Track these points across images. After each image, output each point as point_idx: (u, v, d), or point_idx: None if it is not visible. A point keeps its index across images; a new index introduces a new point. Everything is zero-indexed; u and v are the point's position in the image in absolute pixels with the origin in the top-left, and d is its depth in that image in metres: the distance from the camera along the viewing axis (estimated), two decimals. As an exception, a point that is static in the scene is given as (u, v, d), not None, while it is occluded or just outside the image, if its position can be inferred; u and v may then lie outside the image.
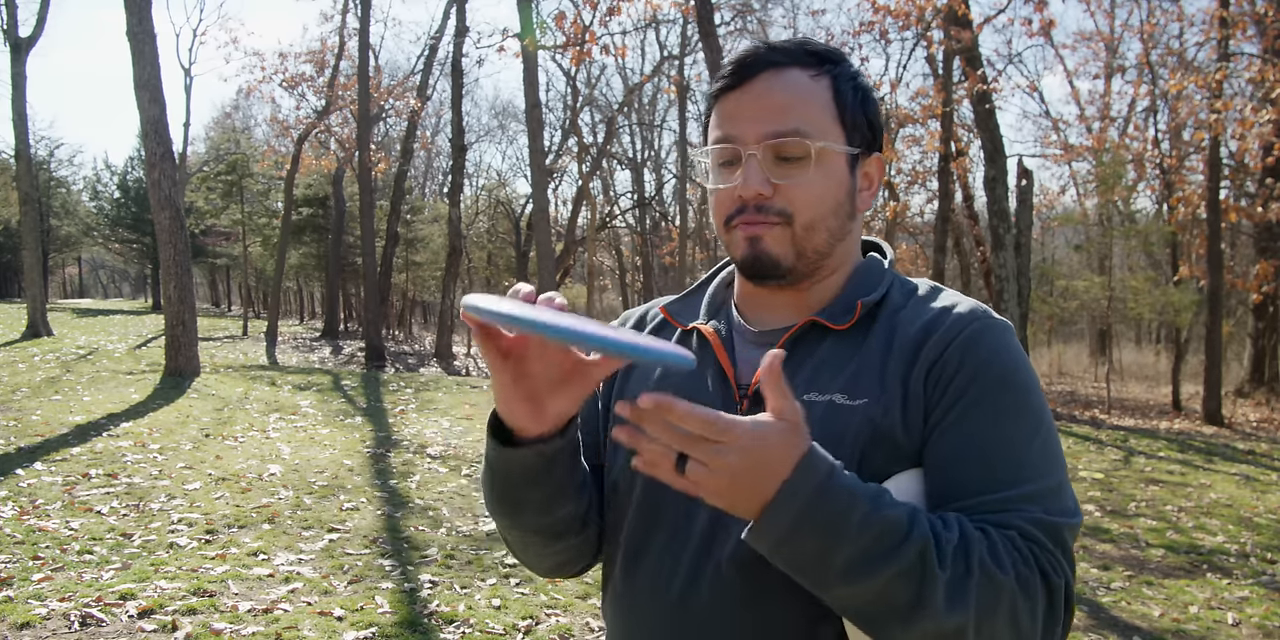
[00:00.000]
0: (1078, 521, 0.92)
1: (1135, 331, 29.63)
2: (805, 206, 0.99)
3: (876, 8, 12.12)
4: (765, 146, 0.98)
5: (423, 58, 26.94)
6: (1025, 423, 0.93)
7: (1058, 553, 0.88)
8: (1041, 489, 0.90)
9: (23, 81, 17.41)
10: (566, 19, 13.19)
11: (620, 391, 1.14)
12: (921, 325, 0.98)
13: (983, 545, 0.84)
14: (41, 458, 6.65)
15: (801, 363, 1.00)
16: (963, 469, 0.92)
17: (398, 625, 3.71)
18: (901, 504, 0.85)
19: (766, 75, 0.99)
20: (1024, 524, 0.87)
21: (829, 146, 0.98)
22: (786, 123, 0.97)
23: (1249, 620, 4.39)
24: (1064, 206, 24.95)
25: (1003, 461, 0.91)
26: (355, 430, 8.74)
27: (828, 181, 0.99)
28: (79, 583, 4.04)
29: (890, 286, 1.04)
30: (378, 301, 20.59)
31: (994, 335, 0.96)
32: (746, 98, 0.99)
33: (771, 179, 0.98)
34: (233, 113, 41.38)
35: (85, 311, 33.86)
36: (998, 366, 0.94)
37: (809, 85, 0.99)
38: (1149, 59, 20.48)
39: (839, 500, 0.81)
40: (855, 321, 1.00)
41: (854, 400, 0.96)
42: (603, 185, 33.66)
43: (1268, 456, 10.09)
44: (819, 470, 0.81)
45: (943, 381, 0.94)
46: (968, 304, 1.00)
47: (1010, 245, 13.17)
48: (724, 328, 1.09)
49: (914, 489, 0.94)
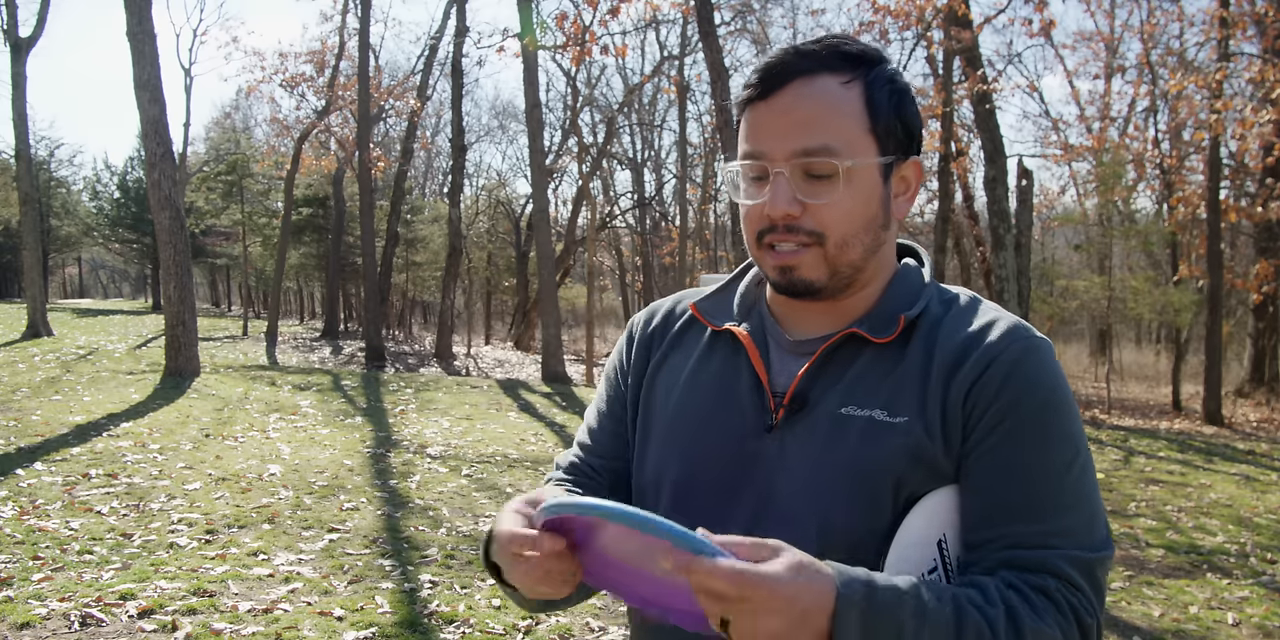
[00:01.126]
0: (1109, 554, 0.92)
1: (1135, 331, 29.64)
2: (836, 225, 0.96)
3: (876, 8, 12.12)
4: (794, 164, 0.95)
5: (423, 58, 26.97)
6: (1065, 451, 0.92)
7: (1090, 592, 0.89)
8: (1077, 522, 0.91)
9: (23, 81, 17.42)
10: (566, 19, 13.19)
11: (650, 387, 1.11)
12: (961, 342, 0.96)
13: (1027, 614, 0.85)
14: (41, 458, 6.65)
15: (839, 374, 0.99)
16: (1001, 493, 0.91)
17: (398, 625, 3.71)
18: (943, 593, 0.84)
19: (795, 85, 0.95)
20: (1061, 566, 0.88)
21: (858, 164, 0.95)
22: (814, 138, 0.94)
23: (1249, 620, 4.39)
24: (1064, 206, 24.95)
25: (1041, 488, 0.91)
26: (355, 430, 8.74)
27: (858, 198, 0.96)
28: (79, 583, 4.03)
29: (930, 297, 1.02)
30: (378, 301, 20.59)
31: (1036, 357, 0.94)
32: (774, 111, 0.96)
33: (800, 197, 0.95)
34: (233, 113, 41.44)
35: (85, 311, 33.86)
36: (1042, 392, 0.93)
37: (839, 94, 0.95)
38: (1149, 59, 20.49)
39: (888, 617, 0.79)
40: (897, 335, 0.99)
41: (894, 418, 0.94)
42: (603, 185, 33.68)
43: (1268, 456, 10.09)
44: (856, 595, 0.79)
45: (982, 404, 0.93)
46: (1008, 321, 0.97)
47: (1010, 245, 13.17)
48: (758, 331, 1.07)
49: (949, 506, 0.94)
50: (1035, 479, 0.91)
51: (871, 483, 0.93)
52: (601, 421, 1.15)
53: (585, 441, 1.16)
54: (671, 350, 1.12)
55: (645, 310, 1.20)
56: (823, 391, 0.98)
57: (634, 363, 1.15)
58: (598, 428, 1.15)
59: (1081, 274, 22.42)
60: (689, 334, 1.12)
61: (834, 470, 0.94)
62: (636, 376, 1.13)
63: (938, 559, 0.93)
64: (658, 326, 1.16)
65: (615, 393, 1.15)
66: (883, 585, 0.81)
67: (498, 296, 38.31)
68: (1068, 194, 25.80)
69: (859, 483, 0.93)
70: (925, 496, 0.93)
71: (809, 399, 0.98)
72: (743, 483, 0.99)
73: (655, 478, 1.05)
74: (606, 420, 1.15)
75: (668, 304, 1.18)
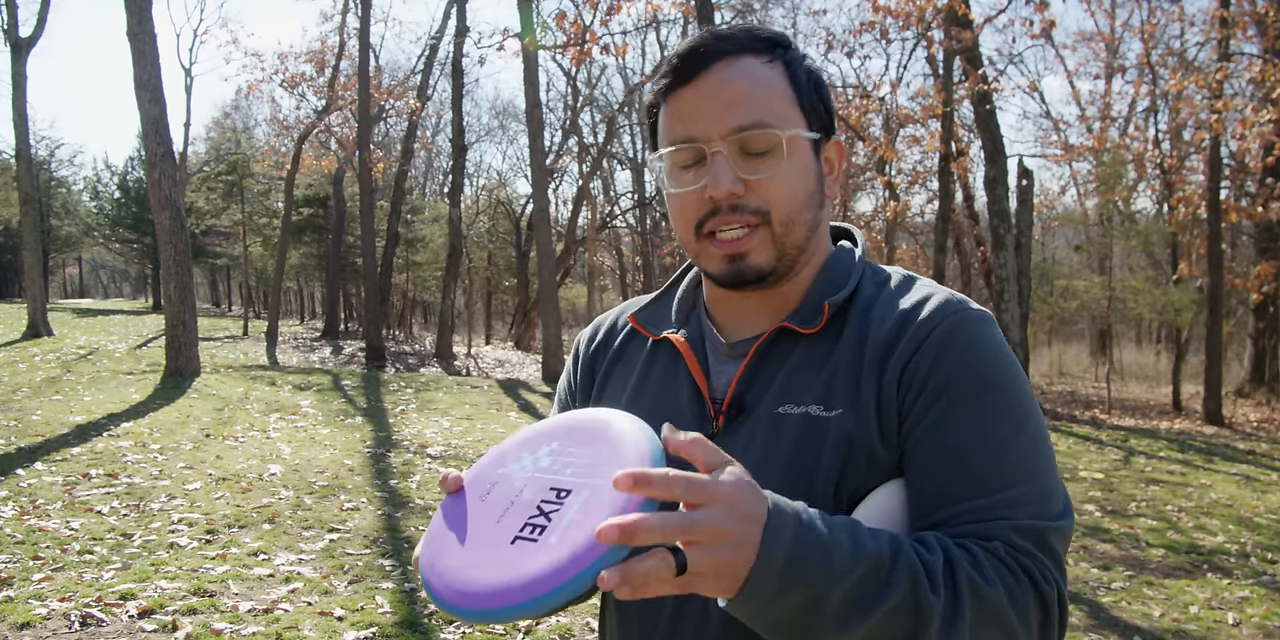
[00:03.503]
0: (1067, 525, 0.87)
1: (1135, 331, 29.64)
2: (781, 201, 0.93)
3: (877, 8, 12.11)
4: (731, 142, 0.92)
5: (423, 58, 26.97)
6: (1007, 423, 0.88)
7: (1046, 560, 0.84)
8: (1027, 492, 0.86)
9: (23, 81, 17.42)
10: (566, 19, 13.18)
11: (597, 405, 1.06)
12: (893, 324, 0.92)
13: (968, 563, 0.80)
14: (41, 458, 6.65)
15: (775, 373, 0.95)
16: (943, 476, 0.87)
17: (398, 625, 3.71)
18: (880, 533, 0.79)
19: (719, 66, 0.93)
20: (1009, 533, 0.83)
21: (798, 134, 0.94)
22: (749, 115, 0.91)
23: (1249, 620, 4.39)
24: (1064, 206, 24.97)
25: (984, 465, 0.86)
26: (355, 430, 8.74)
27: (798, 171, 0.94)
28: (79, 583, 4.04)
29: (861, 279, 0.98)
30: (378, 301, 20.59)
31: (969, 329, 0.90)
32: (702, 92, 0.93)
33: (742, 175, 0.92)
34: (233, 113, 41.43)
35: (85, 311, 33.86)
36: (973, 364, 0.89)
37: (765, 72, 0.94)
38: (1149, 59, 20.49)
39: (819, 545, 0.74)
40: (824, 324, 0.95)
41: (830, 412, 0.91)
42: (603, 185, 33.69)
43: (1268, 456, 10.08)
44: (788, 517, 0.74)
45: (915, 385, 0.89)
46: (940, 297, 0.93)
47: (1010, 245, 13.17)
48: (696, 337, 1.04)
49: (896, 501, 0.89)
50: (978, 456, 0.86)
51: (810, 482, 0.89)
52: None
53: None
54: (614, 366, 1.10)
55: (590, 326, 1.17)
56: (760, 393, 0.95)
57: (580, 383, 1.12)
58: None
59: (1081, 274, 22.43)
60: (631, 346, 1.10)
61: (772, 473, 0.90)
62: (584, 397, 1.11)
63: None
64: (600, 342, 1.13)
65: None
66: (816, 513, 0.76)
67: (498, 296, 38.31)
68: (1068, 194, 25.84)
69: (798, 484, 0.89)
70: (871, 492, 0.89)
71: (746, 403, 0.95)
72: None
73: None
74: None
75: (611, 317, 1.16)
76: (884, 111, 19.53)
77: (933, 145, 16.91)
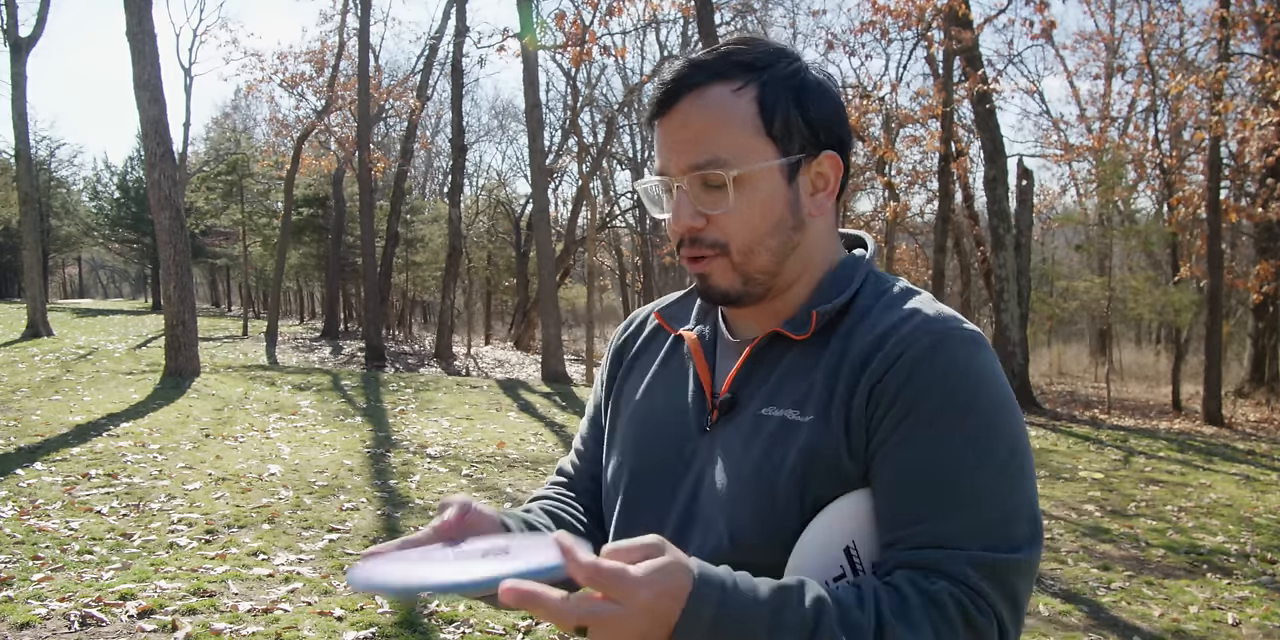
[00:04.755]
0: (1026, 557, 0.85)
1: (1135, 331, 29.64)
2: (737, 234, 0.96)
3: (877, 8, 12.11)
4: (691, 178, 0.95)
5: (423, 58, 26.98)
6: (975, 446, 0.87)
7: (995, 593, 0.83)
8: (988, 520, 0.85)
9: (23, 81, 17.42)
10: (566, 19, 13.19)
11: (618, 394, 1.15)
12: (875, 338, 0.92)
13: (898, 618, 0.81)
14: (41, 458, 6.65)
15: (766, 375, 0.98)
16: (902, 496, 0.87)
17: (398, 625, 3.71)
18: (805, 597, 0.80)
19: (687, 100, 0.95)
20: (957, 568, 0.83)
21: (747, 171, 0.94)
22: (703, 153, 0.94)
23: (1249, 620, 4.39)
24: (1064, 206, 24.99)
25: (944, 490, 0.86)
26: (355, 430, 8.74)
27: (754, 205, 0.95)
28: (79, 583, 4.03)
29: (860, 289, 0.99)
30: (378, 301, 20.59)
31: (949, 350, 0.89)
32: (670, 127, 0.97)
33: (701, 209, 0.96)
34: (233, 113, 41.46)
35: (85, 311, 33.86)
36: (948, 385, 0.88)
37: (729, 103, 0.95)
38: (1149, 59, 20.48)
39: (737, 619, 0.76)
40: (814, 332, 0.96)
41: (803, 417, 0.93)
42: (603, 185, 33.67)
43: (1268, 456, 10.09)
44: (711, 592, 0.76)
45: (885, 402, 0.89)
46: (928, 313, 0.93)
47: (1010, 245, 13.18)
48: (709, 333, 1.09)
49: (857, 512, 0.90)
50: (939, 479, 0.86)
51: (773, 485, 0.91)
52: (589, 428, 1.20)
53: (578, 447, 1.21)
54: (638, 357, 1.15)
55: (627, 318, 1.23)
56: (752, 392, 0.98)
57: (608, 371, 1.19)
58: (586, 435, 1.20)
59: (1081, 274, 22.44)
60: (655, 341, 1.15)
61: (743, 472, 0.94)
62: (609, 384, 1.17)
63: (845, 566, 0.90)
64: (630, 335, 1.19)
65: (597, 400, 1.20)
66: (743, 589, 0.78)
67: (498, 296, 38.32)
68: (1068, 194, 25.85)
69: (762, 485, 0.92)
70: (834, 501, 0.90)
71: (739, 400, 0.99)
72: (679, 484, 1.01)
73: (614, 480, 1.09)
74: (592, 427, 1.20)
75: (645, 311, 1.21)
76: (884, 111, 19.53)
77: (932, 145, 16.92)
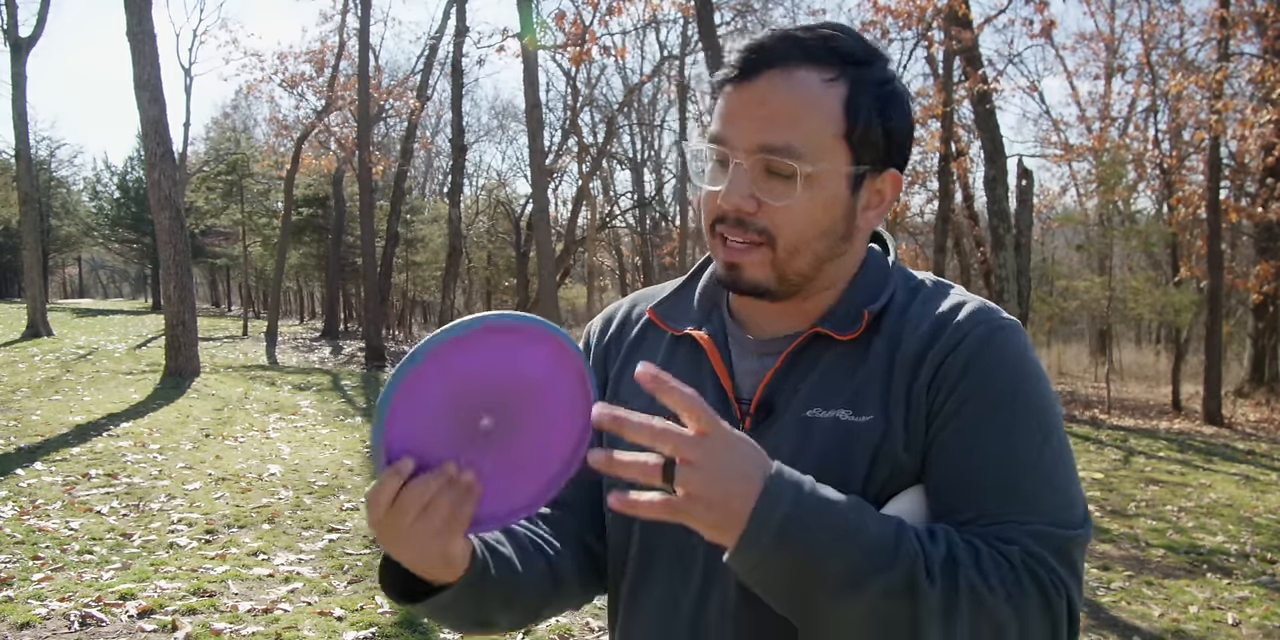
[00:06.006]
0: (1085, 534, 0.86)
1: (1135, 331, 29.62)
2: (788, 229, 0.90)
3: (877, 8, 12.11)
4: (754, 159, 0.88)
5: (423, 58, 26.95)
6: (1034, 433, 0.87)
7: (1061, 569, 0.83)
8: (1049, 501, 0.86)
9: (23, 81, 17.42)
10: (566, 19, 13.19)
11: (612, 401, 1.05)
12: (925, 333, 0.91)
13: (972, 563, 0.80)
14: (41, 458, 6.65)
15: (804, 376, 0.94)
16: (966, 482, 0.87)
17: (398, 625, 3.70)
18: (887, 518, 0.80)
19: (771, 74, 0.88)
20: (1026, 538, 0.83)
21: (821, 170, 0.88)
22: (780, 135, 0.87)
23: (1249, 620, 4.39)
24: (1064, 206, 24.94)
25: (1008, 473, 0.86)
26: (355, 430, 8.74)
27: (817, 204, 0.90)
28: (79, 583, 4.03)
29: (895, 286, 0.97)
30: (378, 301, 20.59)
31: (1001, 338, 0.89)
32: (746, 98, 0.89)
33: (757, 194, 0.89)
34: (232, 113, 41.35)
35: (85, 311, 33.86)
36: (1004, 373, 0.88)
37: (817, 92, 0.88)
38: (1149, 59, 20.48)
39: (819, 513, 0.76)
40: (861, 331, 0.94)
41: (859, 417, 0.90)
42: (603, 185, 33.67)
43: (1268, 456, 10.08)
44: (789, 482, 0.76)
45: (945, 390, 0.88)
46: (973, 305, 0.92)
47: (1010, 245, 13.17)
48: (719, 333, 1.01)
49: (917, 507, 0.89)
50: (1004, 464, 0.86)
51: (843, 487, 0.87)
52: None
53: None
54: (629, 360, 1.06)
55: (601, 315, 1.13)
56: (789, 396, 0.94)
57: (599, 371, 1.10)
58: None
59: (1081, 274, 22.42)
60: (647, 340, 1.07)
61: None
62: (603, 385, 1.08)
63: None
64: (614, 334, 1.10)
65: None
66: (822, 488, 0.79)
67: (498, 296, 38.28)
68: (1068, 194, 25.81)
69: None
70: (894, 498, 0.89)
71: (775, 405, 0.94)
72: None
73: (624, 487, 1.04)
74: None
75: (624, 308, 1.12)
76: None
77: (933, 145, 16.91)
